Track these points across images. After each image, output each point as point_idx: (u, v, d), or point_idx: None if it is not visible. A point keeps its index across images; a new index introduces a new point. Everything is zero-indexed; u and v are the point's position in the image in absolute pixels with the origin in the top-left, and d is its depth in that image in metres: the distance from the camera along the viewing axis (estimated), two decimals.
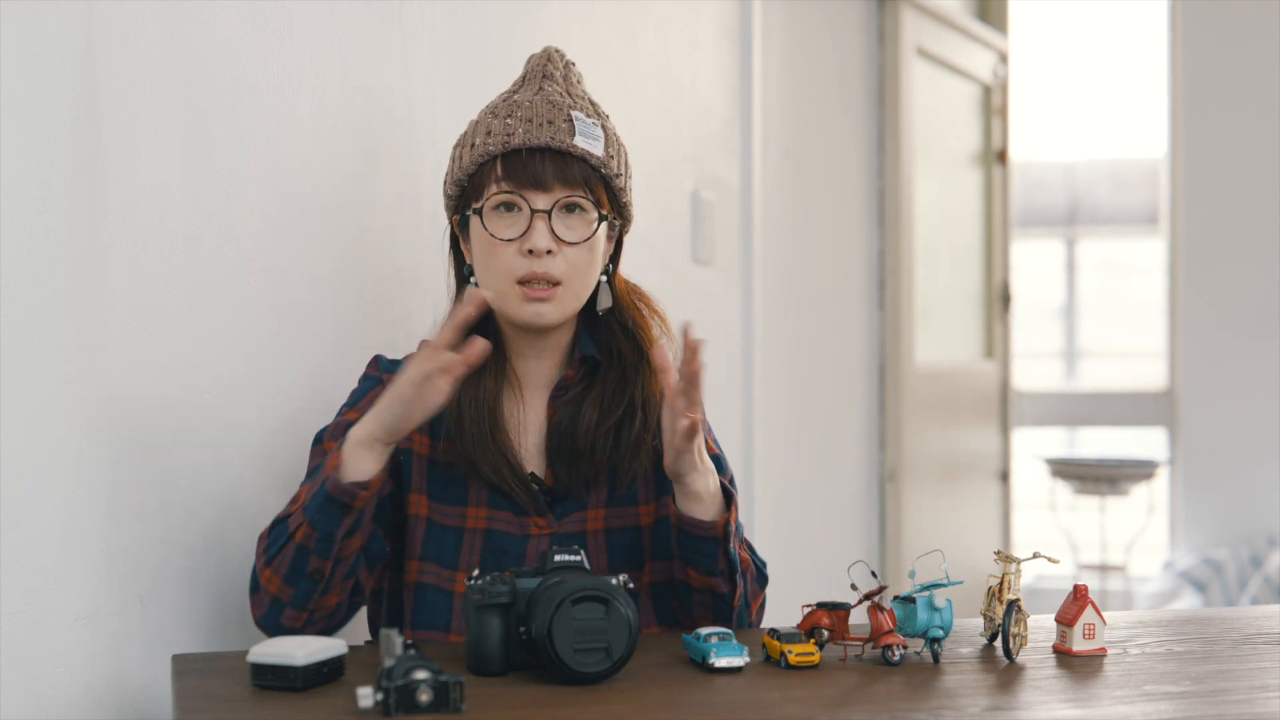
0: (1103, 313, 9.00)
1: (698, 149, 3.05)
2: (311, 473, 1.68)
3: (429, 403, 1.54)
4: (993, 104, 5.03)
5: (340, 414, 1.73)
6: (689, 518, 1.64)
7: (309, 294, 1.92)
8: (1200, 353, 5.65)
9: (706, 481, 1.64)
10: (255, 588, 1.61)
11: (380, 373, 1.76)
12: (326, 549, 1.55)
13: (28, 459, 1.52)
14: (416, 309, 2.11)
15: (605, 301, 1.75)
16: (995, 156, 5.08)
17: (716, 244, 3.14)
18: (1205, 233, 5.61)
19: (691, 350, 1.55)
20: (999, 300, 5.12)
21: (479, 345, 1.53)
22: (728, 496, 1.67)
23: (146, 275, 1.66)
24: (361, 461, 1.55)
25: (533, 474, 1.72)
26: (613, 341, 1.75)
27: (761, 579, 1.75)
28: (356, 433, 1.56)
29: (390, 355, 1.80)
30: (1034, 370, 7.86)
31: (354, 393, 1.76)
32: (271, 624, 1.61)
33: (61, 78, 1.55)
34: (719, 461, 1.77)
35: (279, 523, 1.60)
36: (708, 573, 1.66)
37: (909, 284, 4.35)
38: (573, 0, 2.55)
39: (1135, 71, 8.28)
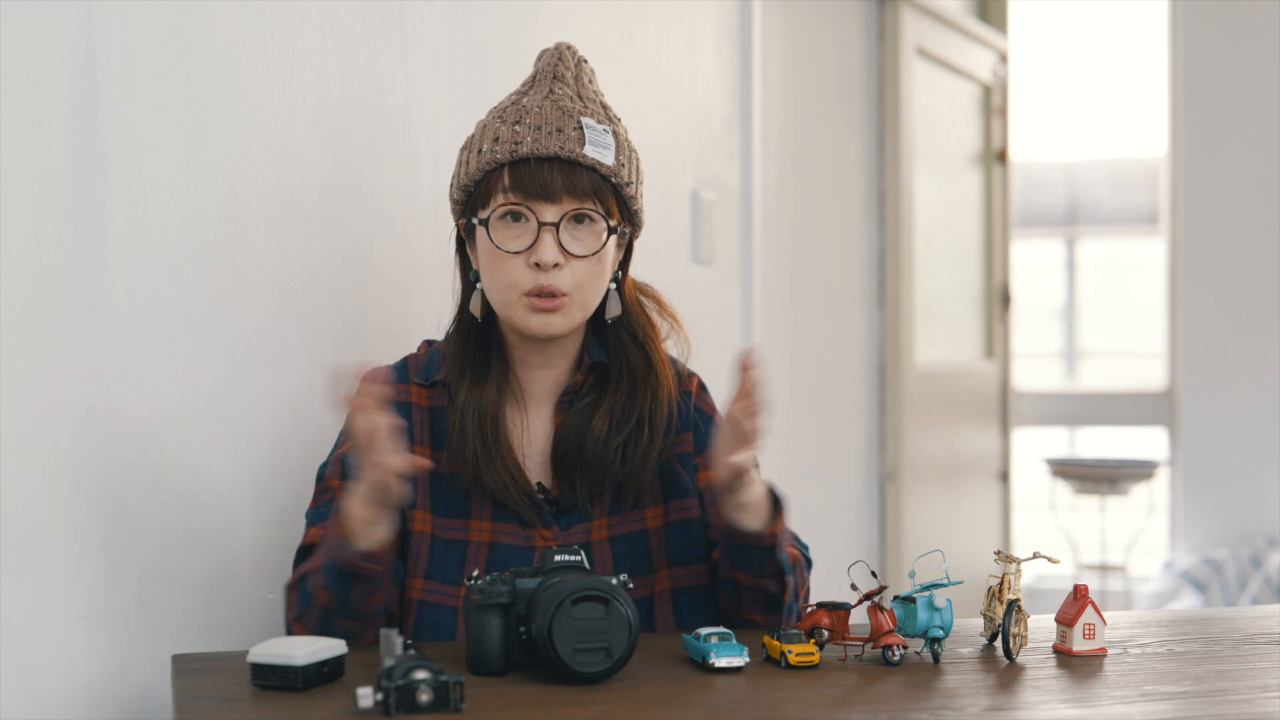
0: (1103, 313, 9.01)
1: (698, 149, 3.05)
2: (319, 510, 1.65)
3: (396, 499, 1.52)
4: (993, 104, 5.03)
5: (337, 445, 1.69)
6: (738, 529, 1.60)
7: (308, 294, 1.92)
8: (1200, 353, 5.65)
9: (755, 491, 1.60)
10: (288, 630, 1.61)
11: None
12: (348, 610, 1.55)
13: (28, 459, 1.52)
14: (417, 309, 2.11)
15: (614, 310, 1.71)
16: (995, 156, 5.08)
17: (716, 244, 3.14)
18: (1205, 233, 5.61)
19: (746, 368, 1.54)
20: (999, 300, 5.12)
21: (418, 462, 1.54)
22: (775, 501, 1.63)
23: (146, 275, 1.66)
24: (367, 530, 1.53)
25: (539, 484, 1.70)
26: (622, 350, 1.72)
27: (808, 565, 1.73)
28: (352, 508, 1.53)
29: (390, 358, 1.79)
30: (1034, 370, 7.87)
31: (349, 415, 1.70)
32: None
33: (61, 78, 1.55)
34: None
35: (302, 580, 1.58)
36: (757, 575, 1.63)
37: (909, 284, 4.35)
38: (573, 0, 2.55)
39: (1135, 71, 8.28)
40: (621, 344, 1.72)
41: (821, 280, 3.98)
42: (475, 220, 1.66)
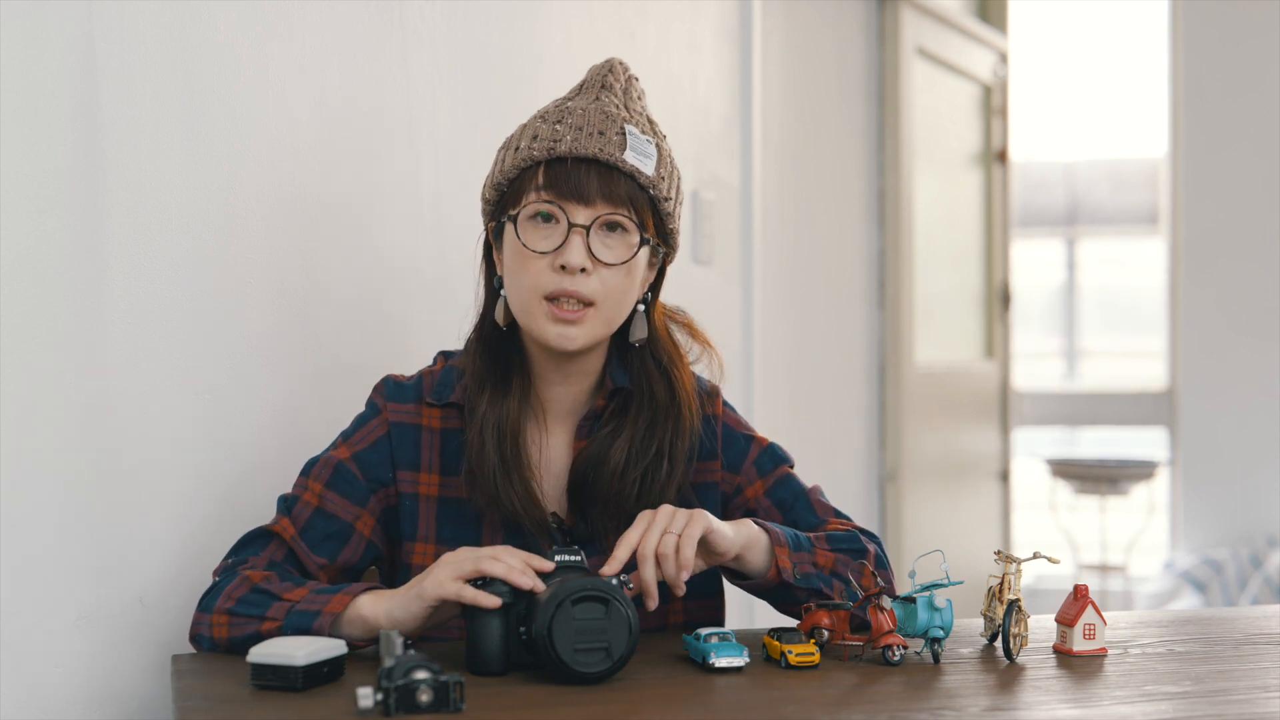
0: (1103, 313, 9.01)
1: (698, 149, 3.05)
2: (288, 501, 1.62)
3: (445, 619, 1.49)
4: (993, 104, 5.03)
5: (335, 445, 1.65)
6: (750, 576, 1.59)
7: (308, 294, 1.92)
8: (1200, 353, 5.65)
9: (732, 546, 1.56)
10: (206, 610, 1.55)
11: (385, 400, 1.66)
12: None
13: (28, 459, 1.52)
14: (416, 309, 2.11)
15: (640, 333, 1.64)
16: (995, 156, 5.08)
17: (716, 244, 3.14)
18: (1205, 233, 5.61)
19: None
20: (999, 300, 5.12)
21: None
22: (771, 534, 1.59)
23: (146, 275, 1.66)
24: (360, 628, 1.49)
25: (554, 514, 1.65)
26: (646, 377, 1.66)
27: (855, 551, 1.65)
28: (372, 609, 1.48)
29: (390, 358, 1.79)
30: (1034, 370, 7.87)
31: (356, 419, 1.67)
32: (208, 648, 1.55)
33: (61, 78, 1.55)
34: (775, 452, 1.73)
35: (260, 592, 1.52)
36: (794, 607, 1.61)
37: (909, 284, 4.35)
38: (573, 0, 2.55)
39: (1135, 71, 8.28)
40: (646, 370, 1.66)
41: (821, 280, 3.98)
42: (504, 218, 1.60)
